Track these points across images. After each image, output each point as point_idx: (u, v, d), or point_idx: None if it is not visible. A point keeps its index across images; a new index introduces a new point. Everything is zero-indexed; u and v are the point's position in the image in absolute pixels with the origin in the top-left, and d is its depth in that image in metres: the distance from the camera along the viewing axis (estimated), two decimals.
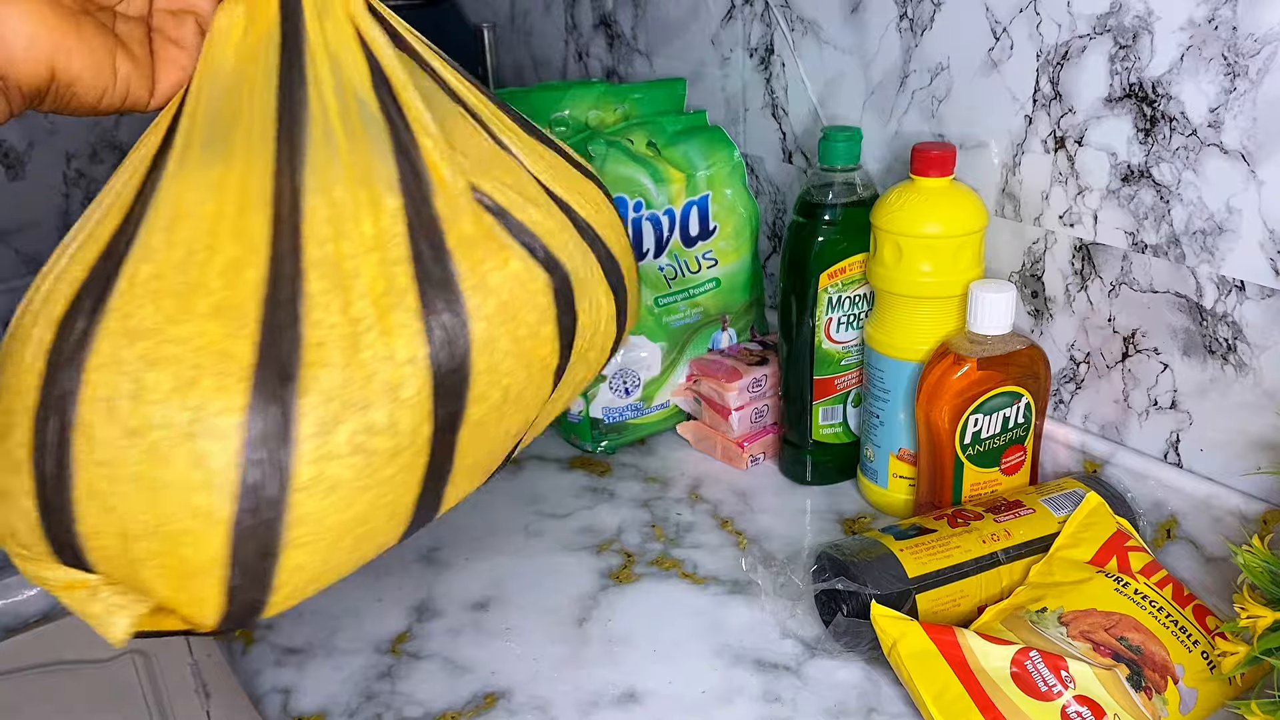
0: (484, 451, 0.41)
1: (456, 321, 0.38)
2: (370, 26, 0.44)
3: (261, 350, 0.37)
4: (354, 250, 0.39)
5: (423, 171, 0.41)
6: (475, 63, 1.14)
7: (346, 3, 0.43)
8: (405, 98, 0.42)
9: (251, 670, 0.70)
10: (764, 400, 0.91)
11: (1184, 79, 0.67)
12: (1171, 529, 0.74)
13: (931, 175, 0.74)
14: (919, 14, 0.82)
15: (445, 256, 0.40)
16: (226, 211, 0.39)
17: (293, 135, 0.40)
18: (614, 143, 0.91)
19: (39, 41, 0.41)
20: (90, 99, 0.43)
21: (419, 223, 0.40)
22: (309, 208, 0.39)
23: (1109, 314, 0.76)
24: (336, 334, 0.37)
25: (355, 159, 0.40)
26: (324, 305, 0.38)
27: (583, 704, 0.65)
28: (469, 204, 0.40)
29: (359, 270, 0.39)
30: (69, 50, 0.42)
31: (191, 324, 0.37)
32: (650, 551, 0.80)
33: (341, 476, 0.37)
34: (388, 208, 0.40)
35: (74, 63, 0.42)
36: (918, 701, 0.61)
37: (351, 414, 0.37)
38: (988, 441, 0.75)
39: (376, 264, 0.39)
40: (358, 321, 0.38)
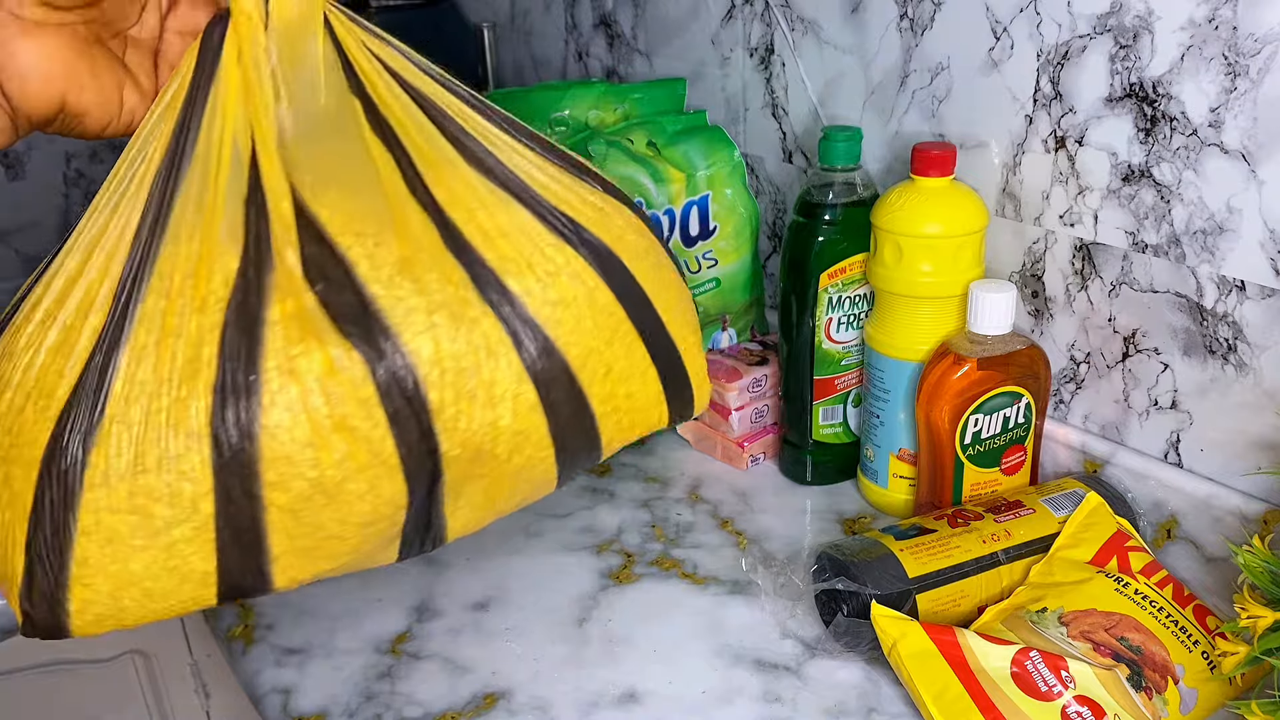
0: (323, 534, 0.42)
1: (246, 406, 0.39)
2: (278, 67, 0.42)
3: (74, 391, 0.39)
4: (183, 308, 0.40)
5: (265, 238, 0.40)
6: (475, 62, 1.14)
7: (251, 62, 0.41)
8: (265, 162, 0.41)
9: (251, 670, 0.70)
10: (764, 400, 0.91)
11: (1184, 79, 0.67)
12: (1172, 529, 0.74)
13: (932, 175, 0.74)
14: (919, 14, 0.82)
15: (259, 334, 0.39)
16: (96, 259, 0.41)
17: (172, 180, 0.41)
18: (614, 143, 0.91)
19: (54, 75, 0.41)
20: (95, 128, 0.44)
21: (245, 293, 0.40)
22: (161, 256, 0.40)
23: (1109, 314, 0.76)
24: (142, 391, 0.39)
25: (214, 214, 0.40)
26: (138, 359, 0.39)
27: (583, 704, 0.65)
28: (300, 283, 0.40)
29: (181, 330, 0.39)
30: (82, 84, 0.42)
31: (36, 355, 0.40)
32: (650, 551, 0.80)
33: (118, 530, 0.39)
34: (222, 270, 0.40)
35: (85, 95, 0.43)
36: (918, 701, 0.61)
37: (134, 474, 0.39)
38: (988, 441, 0.75)
39: (195, 328, 0.39)
40: (163, 383, 0.39)
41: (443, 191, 0.43)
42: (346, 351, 0.40)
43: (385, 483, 0.42)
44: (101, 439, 0.39)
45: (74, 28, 0.42)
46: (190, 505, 0.40)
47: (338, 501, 0.41)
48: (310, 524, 0.41)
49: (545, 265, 0.43)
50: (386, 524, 0.43)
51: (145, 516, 0.39)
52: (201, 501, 0.40)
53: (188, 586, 0.41)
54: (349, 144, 0.42)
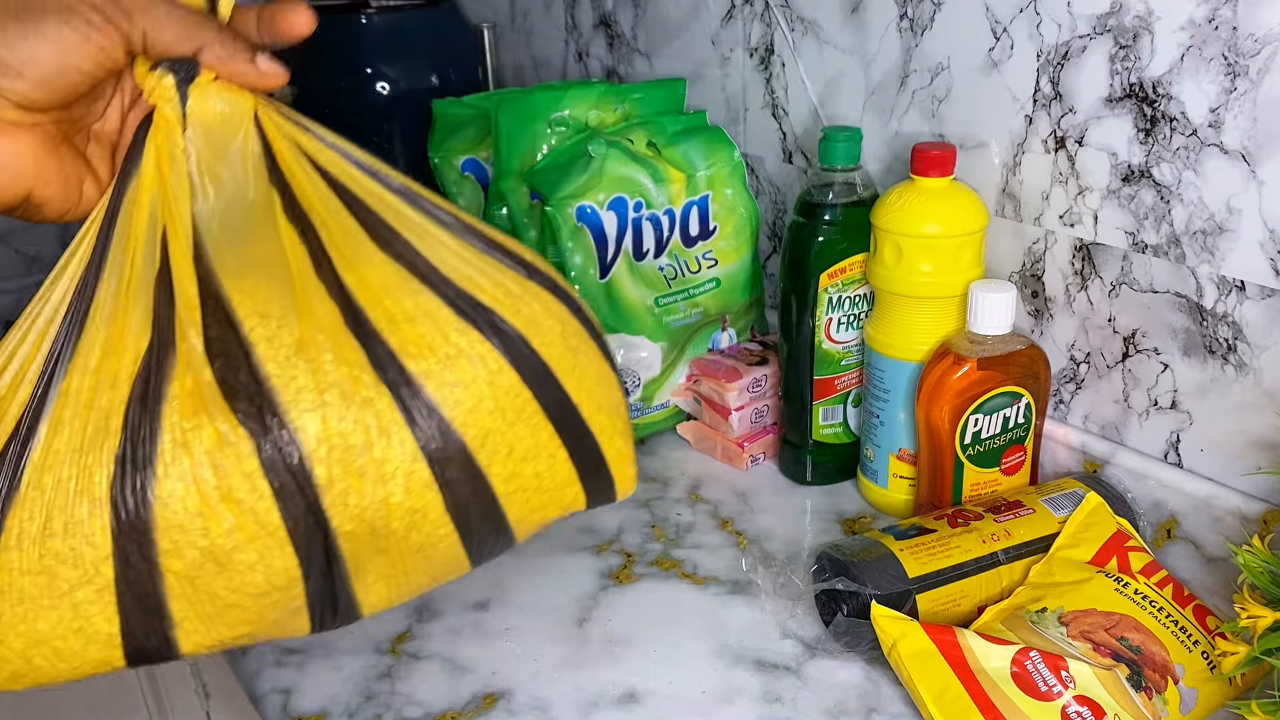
0: (221, 602, 0.43)
1: (143, 475, 0.41)
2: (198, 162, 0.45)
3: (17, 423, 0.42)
4: (98, 384, 0.42)
5: (171, 321, 0.43)
6: (476, 63, 1.14)
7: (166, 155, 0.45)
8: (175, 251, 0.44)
9: (251, 670, 0.70)
10: (764, 400, 0.91)
11: (1184, 79, 0.67)
12: (1172, 529, 0.74)
13: (932, 175, 0.74)
14: (919, 14, 0.82)
15: (158, 409, 0.42)
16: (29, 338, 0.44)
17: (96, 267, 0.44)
18: (614, 143, 0.91)
19: (24, 171, 0.44)
20: (53, 216, 0.47)
21: (149, 370, 0.42)
22: (84, 337, 0.43)
23: (1109, 314, 0.76)
24: (56, 460, 0.41)
25: (131, 299, 0.43)
26: (55, 430, 0.42)
27: (583, 704, 0.65)
28: (201, 361, 0.42)
29: (94, 403, 0.42)
30: (48, 179, 0.46)
31: None
32: (650, 552, 0.80)
33: (28, 591, 0.42)
34: (134, 349, 0.43)
35: (50, 188, 0.46)
36: (918, 701, 0.61)
37: (43, 538, 0.41)
38: (988, 441, 0.75)
39: (106, 402, 0.42)
40: (74, 452, 0.41)
41: (352, 277, 0.45)
42: (234, 427, 0.42)
43: (275, 554, 0.43)
44: (18, 504, 0.41)
45: (45, 127, 0.45)
46: (92, 568, 0.42)
47: (229, 571, 0.43)
48: (206, 592, 0.43)
49: (447, 349, 0.45)
50: (282, 595, 0.44)
51: (52, 578, 0.42)
52: (103, 565, 0.42)
53: (94, 647, 0.43)
54: (265, 234, 0.45)
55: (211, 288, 0.44)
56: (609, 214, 0.90)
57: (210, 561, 0.42)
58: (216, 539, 0.42)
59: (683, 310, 0.94)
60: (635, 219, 0.91)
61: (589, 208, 0.89)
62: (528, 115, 0.93)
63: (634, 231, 0.91)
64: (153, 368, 0.43)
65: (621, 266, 0.91)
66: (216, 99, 0.45)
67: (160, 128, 0.45)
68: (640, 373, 0.92)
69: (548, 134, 0.94)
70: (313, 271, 0.45)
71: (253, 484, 0.42)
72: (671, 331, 0.93)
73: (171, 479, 0.41)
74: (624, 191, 0.90)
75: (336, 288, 0.45)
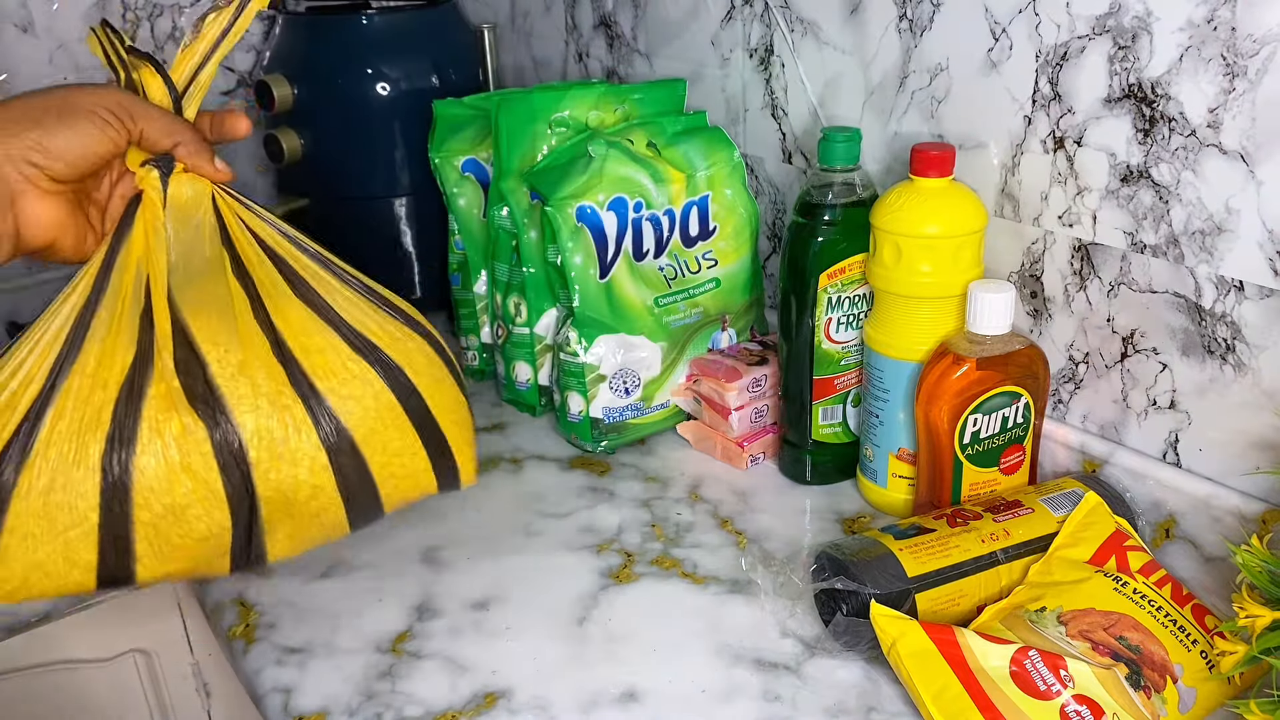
0: (167, 540, 0.58)
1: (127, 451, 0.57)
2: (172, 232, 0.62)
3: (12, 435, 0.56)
4: (93, 385, 0.57)
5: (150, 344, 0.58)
6: (476, 64, 1.14)
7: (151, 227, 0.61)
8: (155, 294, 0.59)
9: (252, 670, 0.70)
10: (764, 400, 0.91)
11: (1183, 79, 0.67)
12: (1170, 528, 0.74)
13: (931, 176, 0.75)
14: (918, 15, 0.82)
15: (139, 405, 0.57)
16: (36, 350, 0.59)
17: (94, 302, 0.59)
18: (614, 143, 0.91)
19: (51, 225, 0.60)
20: (62, 258, 0.62)
21: (133, 377, 0.57)
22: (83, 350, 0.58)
23: (1108, 314, 0.76)
24: (59, 438, 0.56)
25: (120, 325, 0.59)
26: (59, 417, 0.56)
27: (583, 703, 0.66)
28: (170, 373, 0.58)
29: (90, 399, 0.57)
30: (66, 231, 0.61)
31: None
32: (650, 551, 0.80)
33: (32, 530, 0.56)
34: (121, 361, 0.58)
35: (66, 239, 0.61)
36: (917, 701, 0.61)
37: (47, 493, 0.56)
38: (987, 441, 0.75)
39: (99, 398, 0.57)
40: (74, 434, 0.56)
41: (279, 319, 0.61)
42: (195, 421, 0.57)
43: (216, 512, 0.58)
44: (28, 468, 0.56)
45: (66, 194, 0.60)
46: (83, 516, 0.56)
47: (183, 521, 0.58)
48: (164, 536, 0.58)
49: (344, 373, 0.61)
50: (216, 541, 0.60)
51: (51, 521, 0.56)
52: (90, 514, 0.56)
53: (75, 572, 0.58)
54: (218, 282, 0.61)
55: (179, 321, 0.59)
56: (609, 214, 0.90)
57: (170, 514, 0.58)
58: (177, 498, 0.57)
59: (683, 310, 0.94)
60: (635, 219, 0.91)
61: (589, 208, 0.89)
62: (528, 116, 0.94)
63: (634, 232, 0.91)
64: (135, 376, 0.57)
65: (621, 266, 0.91)
66: (186, 185, 0.62)
67: (147, 206, 0.61)
68: (640, 373, 0.92)
69: (548, 134, 0.94)
70: (250, 312, 0.61)
71: (206, 461, 0.58)
72: (671, 331, 0.94)
73: (147, 455, 0.57)
74: (624, 192, 0.90)
75: (267, 325, 0.61)
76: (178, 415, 0.57)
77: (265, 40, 1.34)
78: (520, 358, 0.98)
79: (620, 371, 0.92)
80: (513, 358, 0.99)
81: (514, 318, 0.97)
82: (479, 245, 1.02)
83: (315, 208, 1.16)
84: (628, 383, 0.92)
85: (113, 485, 0.56)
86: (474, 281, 1.03)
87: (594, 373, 0.91)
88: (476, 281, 1.03)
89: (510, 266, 0.96)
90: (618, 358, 0.91)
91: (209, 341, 0.59)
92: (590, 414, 0.92)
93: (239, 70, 1.34)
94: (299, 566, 0.80)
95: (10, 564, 0.56)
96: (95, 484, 0.56)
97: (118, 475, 0.56)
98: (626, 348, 0.92)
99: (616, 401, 0.92)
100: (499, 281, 0.98)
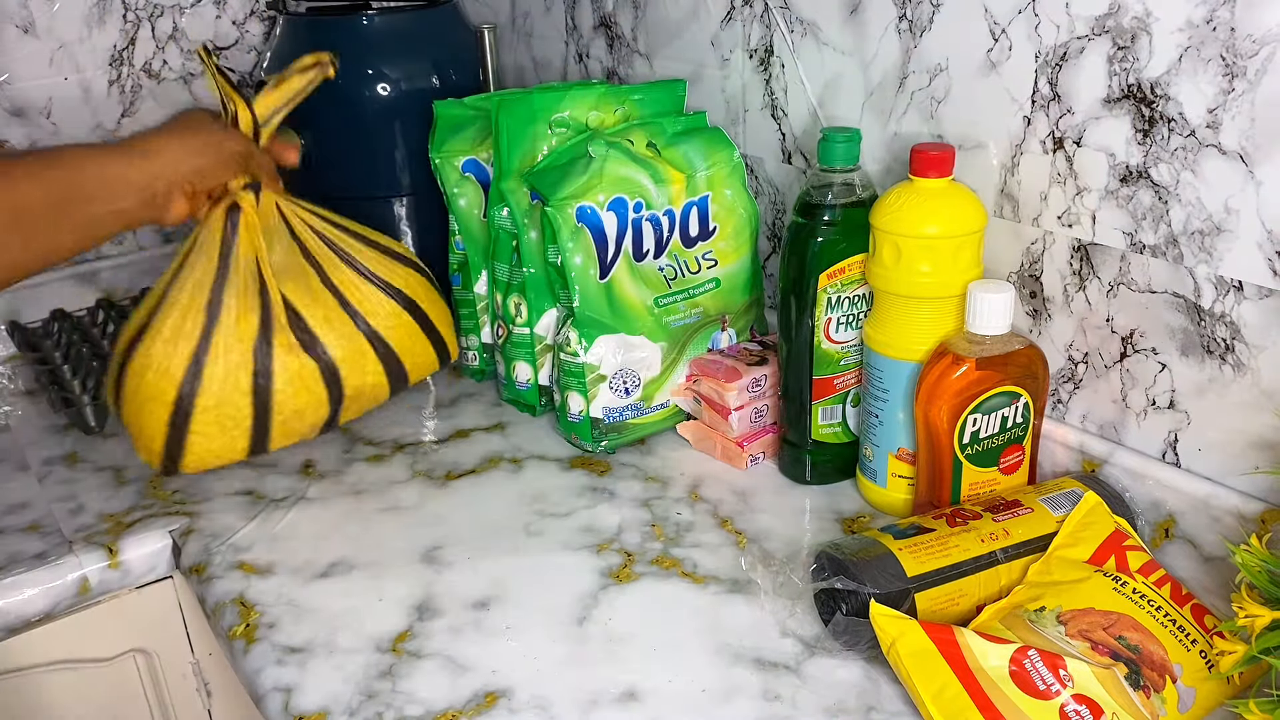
0: (291, 428, 0.87)
1: (267, 380, 0.84)
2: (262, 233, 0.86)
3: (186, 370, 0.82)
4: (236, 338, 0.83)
5: (269, 307, 0.84)
6: (476, 64, 1.14)
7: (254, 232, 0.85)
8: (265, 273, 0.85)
9: (253, 669, 0.70)
10: (763, 400, 0.91)
11: (1182, 80, 0.67)
12: (1170, 528, 0.74)
13: (930, 176, 0.75)
14: (918, 15, 0.82)
15: (270, 350, 0.84)
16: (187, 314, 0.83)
17: (221, 280, 0.84)
18: (614, 143, 0.91)
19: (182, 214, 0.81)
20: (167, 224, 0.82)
21: (264, 331, 0.84)
22: (223, 312, 0.83)
23: (1107, 314, 0.76)
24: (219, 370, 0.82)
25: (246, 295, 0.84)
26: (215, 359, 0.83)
27: (583, 702, 0.66)
28: (286, 330, 0.84)
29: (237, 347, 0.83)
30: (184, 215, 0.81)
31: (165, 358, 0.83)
32: (650, 551, 0.80)
33: (208, 429, 0.83)
34: (252, 320, 0.84)
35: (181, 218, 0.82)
36: (916, 700, 0.61)
37: (217, 406, 0.83)
38: (986, 441, 0.75)
39: (243, 349, 0.83)
40: (231, 369, 0.83)
41: (337, 280, 0.88)
42: (308, 358, 0.86)
43: (322, 409, 0.88)
44: (201, 392, 0.82)
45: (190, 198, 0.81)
46: (241, 420, 0.84)
47: (302, 417, 0.87)
48: (289, 425, 0.87)
49: (380, 307, 0.89)
50: (317, 425, 0.89)
51: (221, 423, 0.84)
52: (245, 419, 0.84)
53: (233, 453, 0.86)
54: (296, 263, 0.87)
55: (282, 293, 0.85)
56: (609, 214, 0.90)
57: (295, 414, 0.86)
58: (299, 404, 0.86)
59: (682, 310, 0.94)
60: (635, 219, 0.91)
61: (589, 208, 0.89)
62: (528, 116, 0.94)
63: (634, 232, 0.91)
64: (263, 331, 0.84)
65: (621, 267, 0.91)
66: (264, 198, 0.86)
67: (246, 215, 0.85)
68: (640, 373, 0.93)
69: (548, 135, 0.94)
70: (319, 280, 0.88)
71: (316, 380, 0.86)
72: (671, 331, 0.94)
73: (280, 381, 0.84)
74: (624, 192, 0.90)
75: (331, 286, 0.88)
76: (297, 356, 0.85)
77: (265, 41, 1.35)
78: (520, 358, 0.99)
79: (620, 371, 0.92)
80: (513, 358, 0.99)
81: (514, 318, 0.97)
82: (479, 245, 1.02)
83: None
84: (628, 383, 0.92)
85: (260, 395, 0.84)
86: (474, 281, 1.03)
87: (594, 373, 0.91)
88: (477, 281, 1.03)
89: (510, 267, 0.96)
90: (618, 358, 0.91)
91: (302, 304, 0.86)
92: (590, 414, 0.92)
93: (240, 71, 1.34)
94: (299, 566, 0.80)
95: (196, 451, 0.84)
96: (249, 402, 0.83)
97: (264, 390, 0.83)
98: (626, 348, 0.92)
99: (616, 401, 0.92)
100: (499, 281, 0.98)
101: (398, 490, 0.90)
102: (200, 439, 0.83)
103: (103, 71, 1.25)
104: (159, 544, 0.86)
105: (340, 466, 0.94)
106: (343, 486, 0.91)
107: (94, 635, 0.87)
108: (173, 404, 0.82)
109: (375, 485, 0.91)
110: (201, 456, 0.84)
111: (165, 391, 0.81)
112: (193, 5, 1.29)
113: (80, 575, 0.83)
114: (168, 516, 0.88)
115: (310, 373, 0.85)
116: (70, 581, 0.83)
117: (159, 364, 0.82)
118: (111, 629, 0.88)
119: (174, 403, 0.82)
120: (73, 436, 1.01)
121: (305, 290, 0.86)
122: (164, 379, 0.81)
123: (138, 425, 0.84)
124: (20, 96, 1.21)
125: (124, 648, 0.90)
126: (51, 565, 0.82)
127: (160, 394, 0.81)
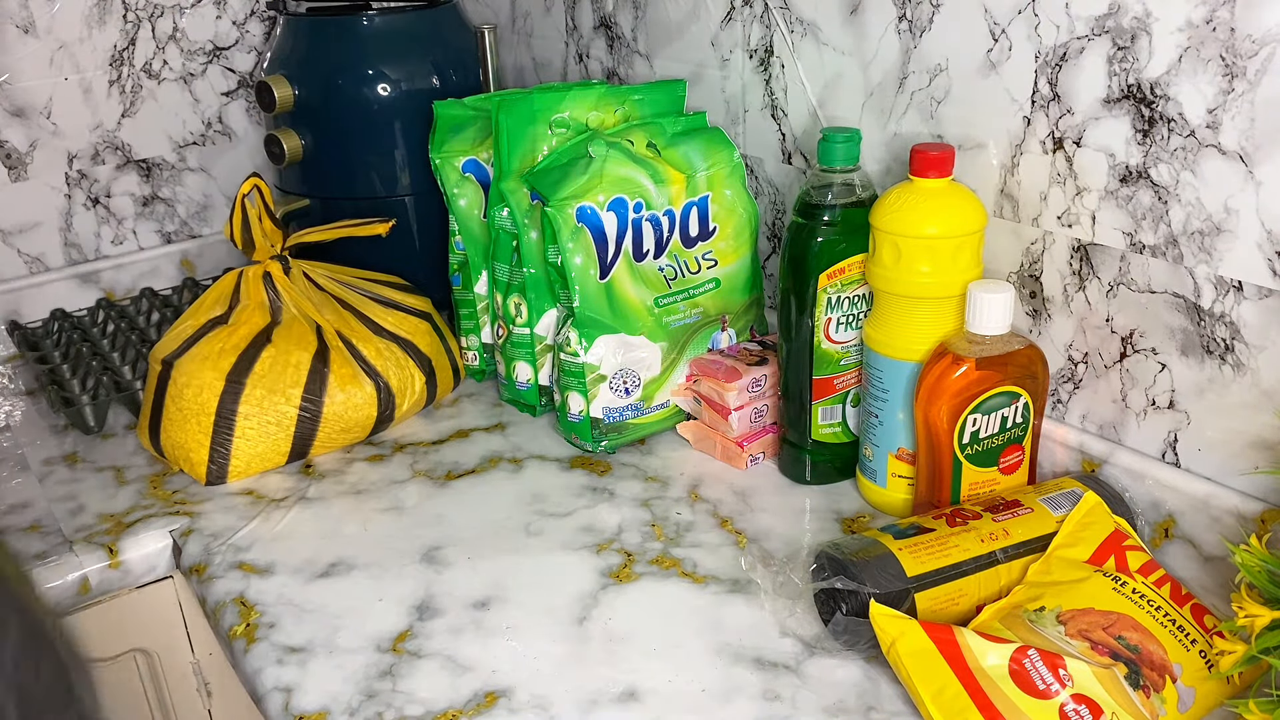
0: (335, 440, 0.96)
1: (319, 401, 0.93)
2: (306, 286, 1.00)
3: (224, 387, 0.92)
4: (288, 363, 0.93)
5: (326, 340, 0.96)
6: (476, 64, 1.14)
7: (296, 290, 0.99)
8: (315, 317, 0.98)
9: (253, 669, 0.70)
10: (763, 400, 0.91)
11: (1182, 80, 0.67)
12: (1169, 528, 0.74)
13: (930, 176, 0.75)
14: (918, 15, 0.82)
15: (325, 374, 0.94)
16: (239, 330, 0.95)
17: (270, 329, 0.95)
18: (614, 144, 0.91)
19: None
20: None
21: (320, 358, 0.94)
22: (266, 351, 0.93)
23: (1107, 314, 0.76)
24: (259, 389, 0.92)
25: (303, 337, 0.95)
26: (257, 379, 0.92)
27: (583, 702, 0.66)
28: (348, 359, 0.96)
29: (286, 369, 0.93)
30: None
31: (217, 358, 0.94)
32: (650, 551, 0.80)
33: (252, 434, 0.92)
34: (305, 351, 0.94)
35: None
36: (916, 700, 0.61)
37: (261, 412, 0.92)
38: (986, 441, 0.75)
39: (294, 372, 0.93)
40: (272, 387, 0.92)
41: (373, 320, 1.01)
42: (370, 383, 0.96)
43: (368, 423, 0.97)
44: (245, 399, 0.91)
45: None
46: (285, 427, 0.93)
47: (349, 430, 0.96)
48: (334, 437, 0.96)
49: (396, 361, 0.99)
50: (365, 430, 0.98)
51: (265, 430, 0.92)
52: (290, 427, 0.93)
53: (275, 457, 0.93)
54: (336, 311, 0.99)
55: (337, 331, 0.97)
56: (609, 215, 0.90)
57: (342, 429, 0.95)
58: (349, 420, 0.95)
59: (682, 310, 0.94)
60: (635, 220, 0.91)
61: (589, 208, 0.89)
62: (528, 116, 0.94)
63: (634, 232, 0.91)
64: (320, 358, 0.94)
65: (621, 267, 0.91)
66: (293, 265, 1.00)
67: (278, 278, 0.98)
68: (640, 373, 0.93)
69: (548, 135, 0.94)
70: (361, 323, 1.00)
71: (371, 402, 0.96)
72: (671, 331, 0.94)
73: (334, 399, 0.94)
74: (624, 192, 0.90)
75: (375, 327, 1.00)
76: (359, 382, 0.95)
77: (266, 41, 1.35)
78: (520, 358, 0.99)
79: (620, 371, 0.92)
80: (513, 358, 0.99)
81: (514, 318, 0.97)
82: (479, 246, 1.02)
83: (316, 208, 1.16)
84: (628, 383, 0.92)
85: (308, 413, 0.93)
86: (474, 282, 1.03)
87: (594, 373, 0.91)
88: (477, 282, 1.03)
89: (511, 267, 0.96)
90: (618, 358, 0.92)
91: (357, 341, 0.97)
92: (590, 414, 0.92)
93: (240, 71, 1.34)
94: (299, 566, 0.80)
95: (240, 457, 0.92)
96: (294, 413, 0.92)
97: (313, 409, 0.93)
98: (626, 348, 0.92)
99: (616, 401, 0.92)
100: (499, 282, 0.98)
101: (398, 490, 0.90)
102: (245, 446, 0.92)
103: (103, 71, 1.25)
104: (159, 544, 0.86)
105: (340, 466, 0.94)
106: (343, 486, 0.91)
107: (94, 635, 0.87)
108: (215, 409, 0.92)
109: (375, 485, 0.91)
110: (246, 463, 0.93)
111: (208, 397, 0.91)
112: (193, 5, 1.29)
113: (81, 575, 0.83)
114: (168, 516, 0.88)
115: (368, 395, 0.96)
116: (71, 581, 0.83)
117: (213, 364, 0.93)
118: (112, 629, 0.88)
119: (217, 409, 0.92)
120: (73, 436, 1.01)
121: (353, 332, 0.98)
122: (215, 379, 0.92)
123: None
124: (20, 96, 1.21)
125: (124, 648, 0.90)
126: (52, 565, 0.82)
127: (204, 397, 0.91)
